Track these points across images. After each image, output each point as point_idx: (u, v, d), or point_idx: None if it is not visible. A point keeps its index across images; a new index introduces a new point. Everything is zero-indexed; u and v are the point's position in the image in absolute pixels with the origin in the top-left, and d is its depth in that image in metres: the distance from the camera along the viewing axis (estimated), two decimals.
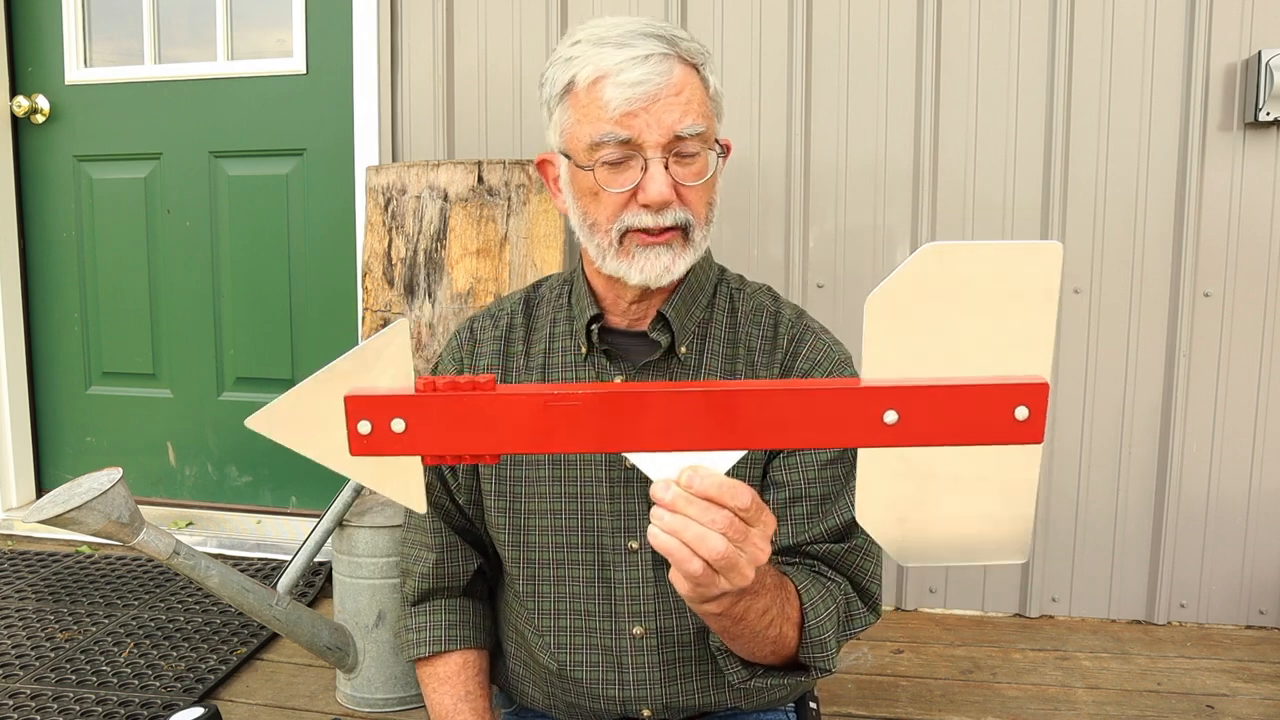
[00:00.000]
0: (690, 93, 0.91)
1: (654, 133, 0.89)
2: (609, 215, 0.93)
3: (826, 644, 0.92)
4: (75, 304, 2.68)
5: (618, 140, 0.90)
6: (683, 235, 0.94)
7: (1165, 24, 1.92)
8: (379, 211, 2.00)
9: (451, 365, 1.09)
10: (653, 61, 0.89)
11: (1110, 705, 1.65)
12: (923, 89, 2.00)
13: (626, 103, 0.88)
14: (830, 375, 1.01)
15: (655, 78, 0.89)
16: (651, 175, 0.90)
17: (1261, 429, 1.97)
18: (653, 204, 0.90)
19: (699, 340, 1.03)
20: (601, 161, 0.91)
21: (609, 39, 0.91)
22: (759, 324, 1.05)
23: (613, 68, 0.89)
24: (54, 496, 1.29)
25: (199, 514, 2.61)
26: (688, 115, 0.90)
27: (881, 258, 2.06)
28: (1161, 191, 1.95)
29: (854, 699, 1.67)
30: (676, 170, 0.91)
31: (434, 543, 1.09)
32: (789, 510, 0.98)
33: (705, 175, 0.93)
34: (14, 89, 2.60)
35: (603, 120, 0.90)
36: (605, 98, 0.89)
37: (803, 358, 1.02)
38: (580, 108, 0.92)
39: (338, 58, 2.36)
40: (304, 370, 2.54)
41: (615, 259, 0.94)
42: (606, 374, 1.02)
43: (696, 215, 0.94)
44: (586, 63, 0.91)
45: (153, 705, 1.58)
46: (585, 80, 0.91)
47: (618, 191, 0.91)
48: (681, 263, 0.94)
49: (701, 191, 0.94)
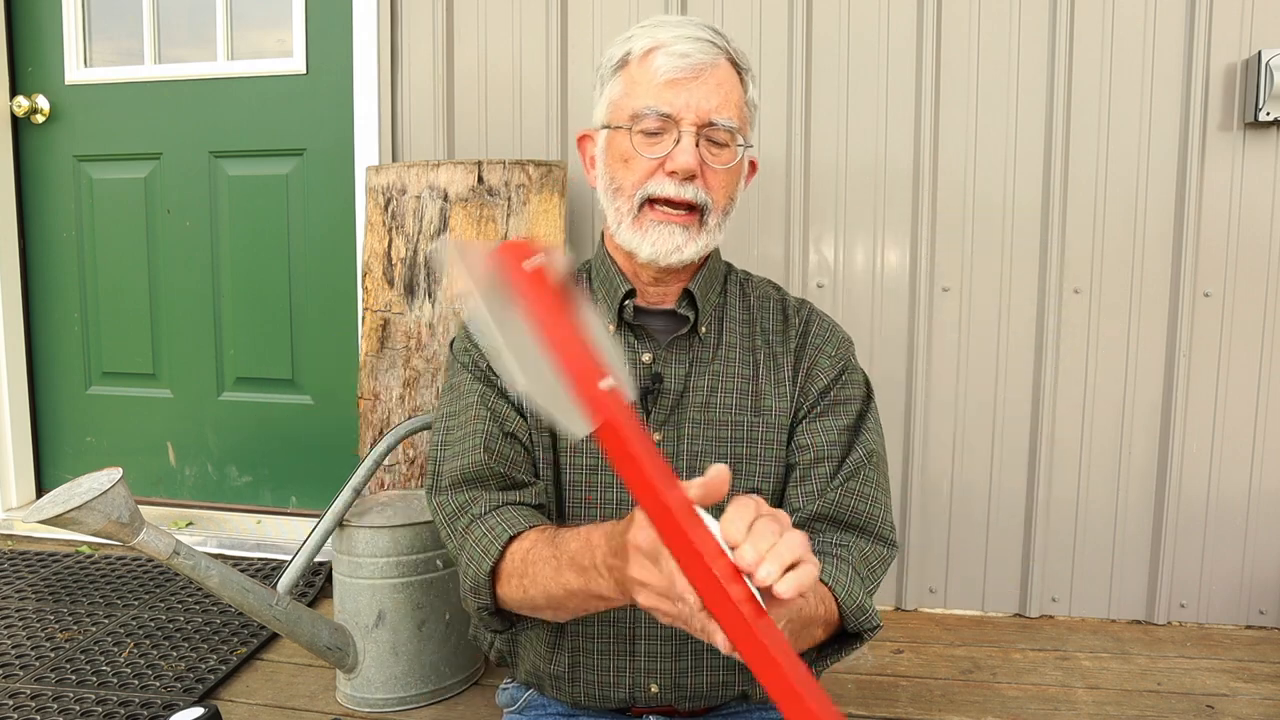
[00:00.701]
0: (730, 88, 0.99)
1: (691, 111, 0.97)
2: (635, 181, 0.99)
3: (864, 606, 0.97)
4: (75, 304, 2.68)
5: (658, 114, 0.97)
6: (699, 219, 1.00)
7: (1165, 24, 1.92)
8: (379, 211, 2.00)
9: (475, 348, 1.10)
10: (702, 43, 0.98)
11: (1110, 705, 1.65)
12: (923, 89, 2.00)
13: (673, 70, 0.96)
14: (837, 353, 1.10)
15: (701, 55, 0.97)
16: (682, 146, 0.97)
17: (1261, 429, 1.97)
18: (679, 171, 0.97)
19: (717, 322, 1.10)
20: (639, 129, 0.98)
21: (667, 23, 1.01)
22: (769, 309, 1.13)
23: (668, 39, 0.98)
24: (54, 496, 1.29)
25: (199, 514, 2.61)
26: (725, 107, 0.98)
27: (881, 258, 2.06)
28: (1161, 191, 1.95)
29: (854, 699, 1.67)
30: (706, 151, 0.99)
31: (483, 430, 1.04)
32: (813, 470, 1.05)
33: (730, 164, 1.00)
34: (14, 89, 2.60)
35: (648, 91, 0.97)
36: (655, 64, 0.97)
37: (814, 334, 1.10)
38: (630, 80, 1.00)
39: (338, 58, 2.36)
40: (304, 370, 2.54)
41: (630, 229, 1.00)
42: (633, 350, 1.07)
43: (715, 200, 1.00)
44: (644, 37, 1.00)
45: (153, 705, 1.58)
46: (640, 50, 1.00)
47: (649, 157, 0.98)
48: (693, 245, 1.00)
49: (725, 178, 1.00)
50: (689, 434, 1.05)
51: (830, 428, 1.07)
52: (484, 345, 1.07)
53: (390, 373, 1.98)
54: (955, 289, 2.04)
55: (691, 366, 1.06)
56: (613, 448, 0.59)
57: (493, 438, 1.03)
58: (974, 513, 2.09)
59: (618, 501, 1.05)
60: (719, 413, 1.05)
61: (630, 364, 1.05)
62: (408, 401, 1.97)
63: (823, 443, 1.06)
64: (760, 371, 1.08)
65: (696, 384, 1.06)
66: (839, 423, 1.07)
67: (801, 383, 1.08)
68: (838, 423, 1.07)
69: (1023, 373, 2.03)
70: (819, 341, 1.10)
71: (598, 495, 1.05)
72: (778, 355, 1.09)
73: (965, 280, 2.04)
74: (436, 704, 1.65)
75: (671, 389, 1.05)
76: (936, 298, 2.05)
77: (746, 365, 1.08)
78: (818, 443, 1.06)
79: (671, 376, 1.05)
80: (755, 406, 1.06)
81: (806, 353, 1.09)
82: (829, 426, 1.07)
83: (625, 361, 1.04)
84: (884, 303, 2.07)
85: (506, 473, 1.03)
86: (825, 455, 1.06)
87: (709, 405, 1.05)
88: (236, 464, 2.63)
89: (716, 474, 0.63)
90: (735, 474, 1.04)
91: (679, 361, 1.06)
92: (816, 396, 1.08)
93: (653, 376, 1.05)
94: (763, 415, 1.06)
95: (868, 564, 1.04)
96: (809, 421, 1.07)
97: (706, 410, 1.05)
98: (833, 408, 1.08)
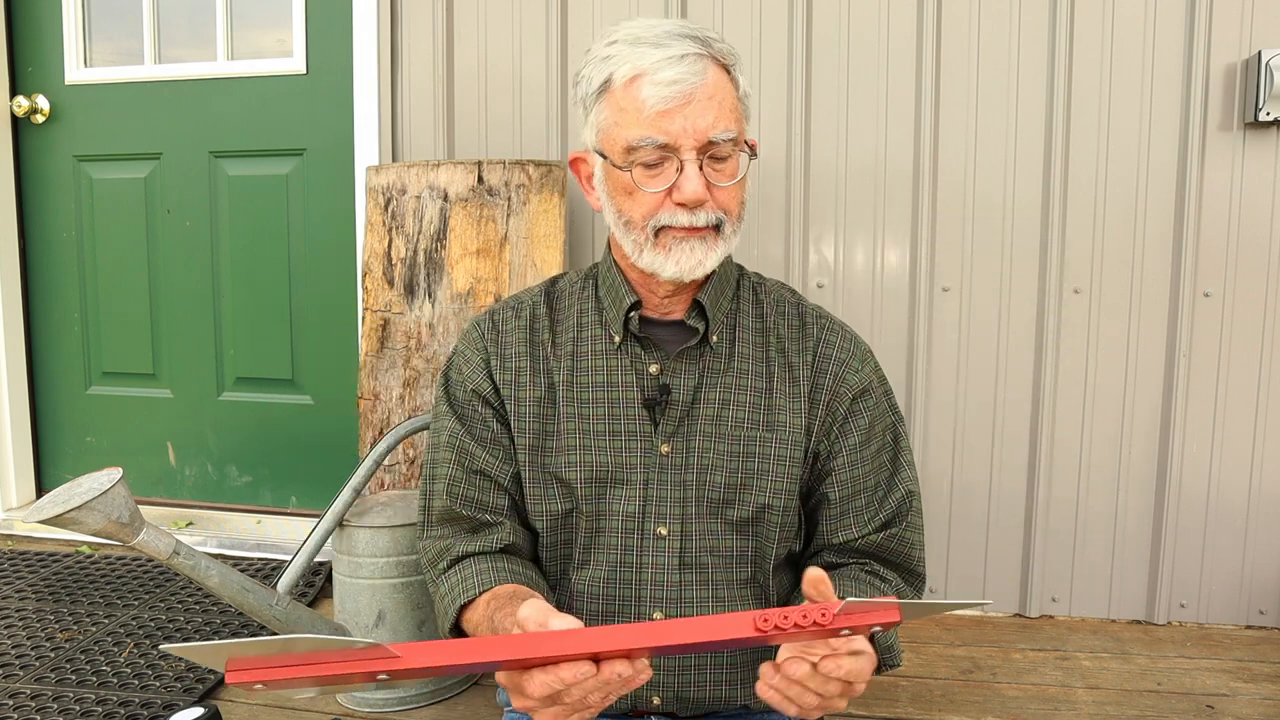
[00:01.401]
0: (723, 96, 0.95)
1: (689, 136, 0.92)
2: (645, 213, 0.97)
3: (893, 646, 0.99)
4: (75, 304, 2.68)
5: (655, 145, 0.93)
6: (715, 231, 0.98)
7: (1165, 24, 1.92)
8: (379, 211, 2.00)
9: (475, 356, 1.10)
10: (688, 61, 0.92)
11: (1110, 705, 1.65)
12: (923, 89, 2.00)
13: (663, 101, 0.91)
14: (860, 366, 1.08)
15: (690, 77, 0.92)
16: (687, 175, 0.93)
17: (1261, 429, 1.97)
18: (688, 203, 0.94)
19: (729, 330, 1.07)
20: (638, 163, 0.94)
21: (645, 39, 0.94)
22: (784, 314, 1.10)
23: (650, 66, 0.92)
24: (54, 496, 1.29)
25: (199, 514, 2.61)
26: (721, 120, 0.94)
27: (881, 258, 2.06)
28: (1161, 191, 1.95)
29: (854, 699, 1.67)
30: (710, 171, 0.95)
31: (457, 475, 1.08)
32: (850, 504, 1.05)
33: (737, 176, 0.97)
34: (14, 89, 2.60)
35: (640, 121, 0.93)
36: (642, 96, 0.92)
37: (836, 347, 1.08)
38: (617, 108, 0.95)
39: (338, 58, 2.36)
40: (304, 370, 2.54)
41: (651, 252, 0.98)
42: (641, 362, 1.05)
43: (729, 213, 0.98)
44: (624, 61, 0.94)
45: (153, 705, 1.58)
46: (622, 79, 0.94)
47: (654, 191, 0.95)
48: (714, 256, 0.98)
49: (734, 191, 0.98)
50: (699, 447, 1.03)
51: (866, 458, 1.06)
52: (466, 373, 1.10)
53: (390, 373, 1.98)
54: (955, 289, 2.04)
55: (702, 378, 1.04)
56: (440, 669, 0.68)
57: (456, 482, 1.06)
58: (974, 513, 2.09)
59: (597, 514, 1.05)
60: (730, 426, 1.04)
61: (637, 375, 1.04)
62: (408, 401, 1.97)
63: (860, 474, 1.05)
64: (774, 383, 1.05)
65: (707, 396, 1.04)
66: (871, 449, 1.06)
67: (827, 400, 1.06)
68: (870, 450, 1.06)
69: (1023, 373, 2.03)
70: (845, 356, 1.07)
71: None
72: (793, 365, 1.07)
73: (965, 280, 2.04)
74: (436, 704, 1.65)
75: (680, 400, 1.03)
76: (936, 298, 2.05)
77: (760, 377, 1.06)
78: (855, 476, 1.05)
79: (680, 388, 1.04)
80: (768, 421, 1.04)
81: (830, 368, 1.06)
82: (865, 457, 1.06)
83: (628, 372, 1.05)
84: (884, 303, 2.07)
85: (472, 515, 1.06)
86: (861, 488, 1.05)
87: (720, 418, 1.04)
88: (236, 464, 2.63)
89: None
90: (746, 488, 1.03)
91: (688, 373, 1.04)
92: (845, 418, 1.06)
93: (660, 388, 1.03)
94: (775, 430, 1.04)
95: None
96: (840, 450, 1.06)
97: (717, 423, 1.03)
98: (864, 433, 1.06)
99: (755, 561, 1.05)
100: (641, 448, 1.03)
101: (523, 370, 1.07)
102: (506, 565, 1.04)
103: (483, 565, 1.03)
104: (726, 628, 0.68)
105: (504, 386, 1.07)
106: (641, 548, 1.03)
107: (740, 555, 1.04)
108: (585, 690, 0.69)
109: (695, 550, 1.03)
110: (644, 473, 1.03)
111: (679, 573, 1.03)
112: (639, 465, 1.03)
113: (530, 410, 1.06)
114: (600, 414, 1.04)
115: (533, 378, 1.07)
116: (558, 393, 1.06)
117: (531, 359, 1.07)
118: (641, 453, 1.03)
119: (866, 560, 1.07)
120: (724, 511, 1.03)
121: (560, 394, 1.06)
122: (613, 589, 1.03)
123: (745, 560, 1.05)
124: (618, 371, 1.05)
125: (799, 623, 0.67)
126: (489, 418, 1.07)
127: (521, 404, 1.06)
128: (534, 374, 1.07)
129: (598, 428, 1.04)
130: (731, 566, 1.04)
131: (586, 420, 1.05)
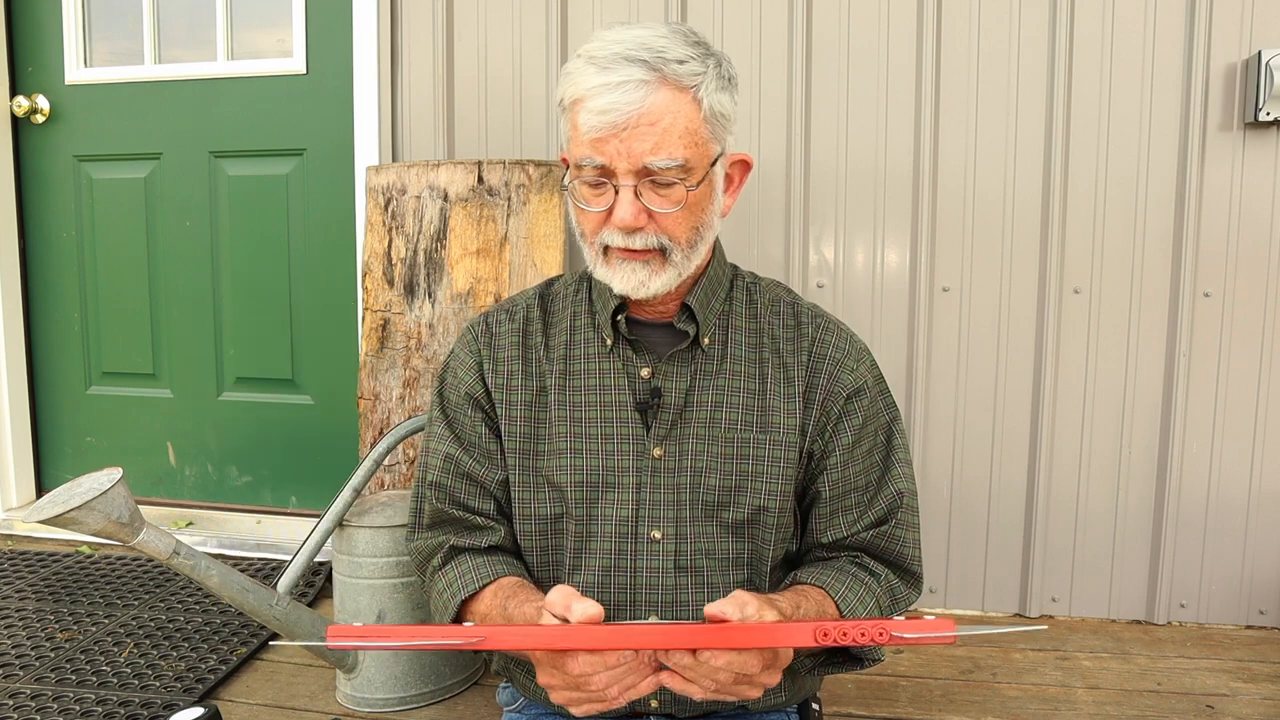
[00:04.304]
0: (670, 121, 0.91)
1: (623, 161, 0.91)
2: (591, 229, 0.98)
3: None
4: (75, 304, 2.68)
5: (594, 165, 0.93)
6: (660, 255, 0.97)
7: (1165, 24, 1.92)
8: (379, 211, 2.00)
9: (469, 358, 1.10)
10: (626, 89, 0.90)
11: (1110, 705, 1.65)
12: (923, 89, 2.00)
13: (594, 130, 0.91)
14: (855, 365, 1.07)
15: (625, 106, 0.90)
16: (620, 201, 0.93)
17: (1261, 429, 1.97)
18: (620, 228, 0.94)
19: (721, 331, 1.07)
20: (583, 181, 0.95)
21: (597, 59, 0.92)
22: (779, 314, 1.09)
23: (587, 92, 0.92)
24: (54, 496, 1.29)
25: (199, 514, 2.61)
26: (661, 148, 0.91)
27: (881, 258, 2.06)
28: (1161, 191, 1.95)
29: (854, 699, 1.67)
30: (650, 197, 0.94)
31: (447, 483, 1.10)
32: (840, 503, 1.05)
33: (680, 204, 0.95)
34: (14, 89, 2.60)
35: (580, 143, 0.94)
36: (579, 121, 0.93)
37: (831, 346, 1.07)
38: (570, 124, 0.96)
39: (338, 58, 2.36)
40: (304, 370, 2.54)
41: (603, 267, 0.99)
42: (632, 365, 1.05)
43: (675, 238, 0.96)
44: (572, 83, 0.94)
45: (153, 705, 1.58)
46: (569, 100, 0.95)
47: (595, 210, 0.96)
48: (658, 280, 0.98)
49: (680, 217, 0.96)
50: (692, 449, 1.03)
51: (858, 457, 1.05)
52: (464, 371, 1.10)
53: (390, 373, 1.98)
54: (955, 289, 2.04)
55: (694, 380, 1.04)
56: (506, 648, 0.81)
57: (445, 486, 1.08)
58: (974, 512, 2.09)
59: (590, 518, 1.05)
60: (723, 428, 1.03)
61: (629, 378, 1.04)
62: (408, 401, 1.97)
63: (851, 474, 1.05)
64: (768, 384, 1.05)
65: (700, 398, 1.04)
66: (863, 449, 1.06)
67: (822, 400, 1.05)
68: (862, 449, 1.06)
69: (1023, 372, 2.03)
70: (839, 355, 1.06)
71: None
72: (788, 365, 1.06)
73: (965, 280, 2.04)
74: (436, 704, 1.65)
75: (672, 403, 1.03)
76: (936, 298, 2.05)
77: (753, 378, 1.05)
78: (847, 475, 1.05)
79: (672, 390, 1.03)
80: (761, 422, 1.04)
81: (824, 367, 1.05)
82: (857, 456, 1.05)
83: (620, 376, 1.05)
84: (884, 303, 2.07)
85: (462, 518, 1.07)
86: (852, 487, 1.05)
87: (713, 420, 1.03)
88: (236, 464, 2.63)
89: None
90: (740, 490, 1.03)
91: (680, 375, 1.04)
92: (839, 418, 1.05)
93: (651, 391, 1.03)
94: (769, 431, 1.03)
95: (892, 596, 1.05)
96: (834, 449, 1.05)
97: (710, 426, 1.03)
98: (857, 432, 1.06)
99: (752, 564, 1.05)
100: (634, 451, 1.03)
101: (515, 373, 1.07)
102: (502, 559, 1.06)
103: (479, 560, 1.05)
104: (788, 636, 0.72)
105: (496, 389, 1.07)
106: (635, 552, 1.03)
107: (737, 557, 1.04)
108: (615, 678, 0.80)
109: (690, 553, 1.03)
110: (636, 476, 1.03)
111: (674, 576, 1.02)
112: (631, 469, 1.03)
113: (522, 413, 1.06)
114: (592, 417, 1.04)
115: (524, 380, 1.07)
116: (549, 396, 1.06)
117: (524, 361, 1.08)
118: (634, 456, 1.03)
119: (858, 554, 1.07)
120: (719, 514, 1.03)
121: (552, 397, 1.06)
122: (606, 593, 1.03)
123: (742, 562, 1.04)
124: (610, 374, 1.05)
125: (857, 639, 0.69)
126: (479, 421, 1.07)
127: (513, 407, 1.06)
128: (526, 377, 1.07)
129: (589, 431, 1.04)
130: (728, 569, 1.04)
131: (578, 424, 1.05)
